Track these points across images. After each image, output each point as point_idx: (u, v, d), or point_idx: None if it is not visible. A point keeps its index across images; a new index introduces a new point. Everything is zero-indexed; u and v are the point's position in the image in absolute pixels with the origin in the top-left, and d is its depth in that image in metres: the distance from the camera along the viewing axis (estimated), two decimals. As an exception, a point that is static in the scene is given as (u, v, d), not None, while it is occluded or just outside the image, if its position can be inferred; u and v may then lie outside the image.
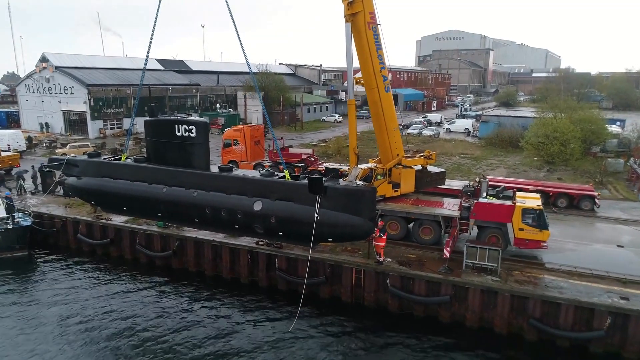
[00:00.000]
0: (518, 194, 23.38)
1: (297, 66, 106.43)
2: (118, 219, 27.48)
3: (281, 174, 19.86)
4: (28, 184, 35.08)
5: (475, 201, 22.51)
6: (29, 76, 70.44)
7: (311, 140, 61.90)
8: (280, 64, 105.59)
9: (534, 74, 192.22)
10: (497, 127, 59.93)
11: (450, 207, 24.06)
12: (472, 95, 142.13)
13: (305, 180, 18.59)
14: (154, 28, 21.25)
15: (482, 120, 65.80)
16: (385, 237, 21.27)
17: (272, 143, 44.08)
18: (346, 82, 26.63)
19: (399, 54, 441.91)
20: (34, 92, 70.03)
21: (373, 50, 23.09)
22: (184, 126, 20.05)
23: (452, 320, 19.79)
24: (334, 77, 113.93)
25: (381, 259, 21.18)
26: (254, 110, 78.11)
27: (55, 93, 66.80)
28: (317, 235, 17.54)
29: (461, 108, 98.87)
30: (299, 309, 18.42)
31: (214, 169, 21.09)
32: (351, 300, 21.43)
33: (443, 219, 23.12)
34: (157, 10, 20.86)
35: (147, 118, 21.78)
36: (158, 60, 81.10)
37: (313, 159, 39.09)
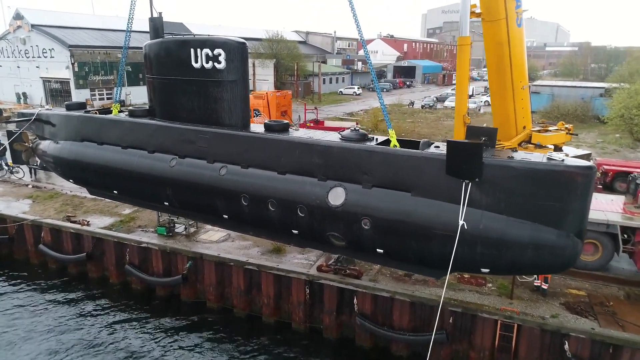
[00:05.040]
0: None
1: (308, 33, 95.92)
2: (99, 221, 18.63)
3: (380, 138, 10.96)
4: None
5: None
6: (2, 37, 60.11)
7: (335, 114, 52.72)
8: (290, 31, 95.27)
9: (547, 49, 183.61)
10: (550, 100, 53.06)
11: (614, 208, 15.32)
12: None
13: (439, 149, 9.70)
14: None
15: (533, 92, 56.89)
16: None
17: (304, 115, 35.19)
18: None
19: (405, 26, 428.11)
20: (8, 57, 59.79)
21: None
22: (205, 51, 11.43)
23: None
24: (349, 46, 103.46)
25: (545, 286, 12.88)
26: (264, 80, 68.74)
27: (33, 57, 56.66)
28: (459, 259, 8.89)
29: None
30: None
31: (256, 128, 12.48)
32: (490, 373, 12.78)
33: (622, 230, 14.36)
34: None
35: (152, 38, 13.29)
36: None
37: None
